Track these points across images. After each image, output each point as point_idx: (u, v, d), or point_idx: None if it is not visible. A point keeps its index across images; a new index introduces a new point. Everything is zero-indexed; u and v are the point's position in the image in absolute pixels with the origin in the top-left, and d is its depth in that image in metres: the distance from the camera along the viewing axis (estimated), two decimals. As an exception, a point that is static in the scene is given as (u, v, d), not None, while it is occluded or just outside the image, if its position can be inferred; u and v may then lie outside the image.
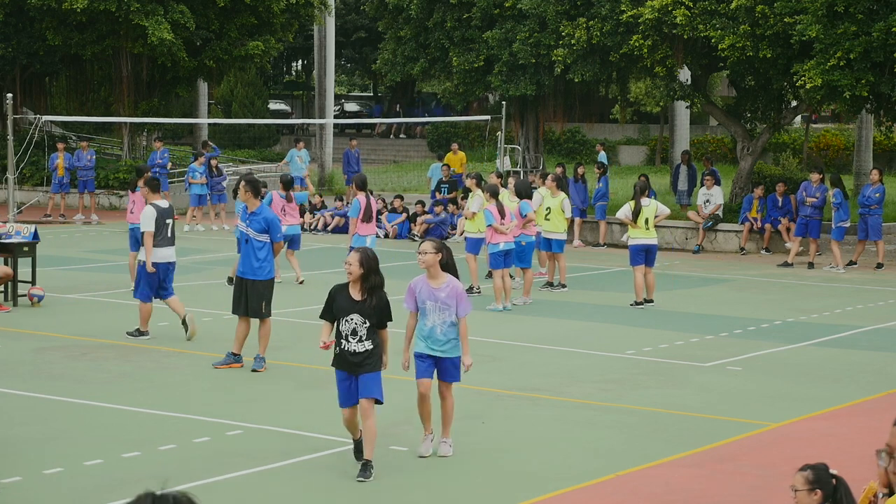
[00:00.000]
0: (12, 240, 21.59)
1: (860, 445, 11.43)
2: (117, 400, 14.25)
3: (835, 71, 28.13)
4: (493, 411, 14.37)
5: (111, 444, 12.03)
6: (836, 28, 28.03)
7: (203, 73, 42.60)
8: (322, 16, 44.09)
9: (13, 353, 15.99)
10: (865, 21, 27.79)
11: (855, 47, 27.83)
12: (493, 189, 22.43)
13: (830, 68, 28.13)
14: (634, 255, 22.20)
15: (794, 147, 49.06)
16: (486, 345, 18.26)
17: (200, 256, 28.12)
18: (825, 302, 22.95)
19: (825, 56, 28.22)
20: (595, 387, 15.67)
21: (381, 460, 12.22)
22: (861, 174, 38.34)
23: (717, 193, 32.11)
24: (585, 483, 11.67)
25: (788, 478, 8.62)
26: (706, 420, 14.14)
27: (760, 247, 30.98)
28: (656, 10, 30.99)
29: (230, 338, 16.46)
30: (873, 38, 27.60)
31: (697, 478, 12.03)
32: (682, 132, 43.22)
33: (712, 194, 32.02)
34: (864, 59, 28.06)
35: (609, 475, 11.91)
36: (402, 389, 15.35)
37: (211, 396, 14.82)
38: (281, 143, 59.06)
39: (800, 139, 48.45)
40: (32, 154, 31.59)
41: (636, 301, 22.16)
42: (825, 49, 28.21)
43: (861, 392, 15.69)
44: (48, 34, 38.74)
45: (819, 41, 28.27)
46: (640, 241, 22.25)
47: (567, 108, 40.61)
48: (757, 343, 18.76)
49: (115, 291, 22.67)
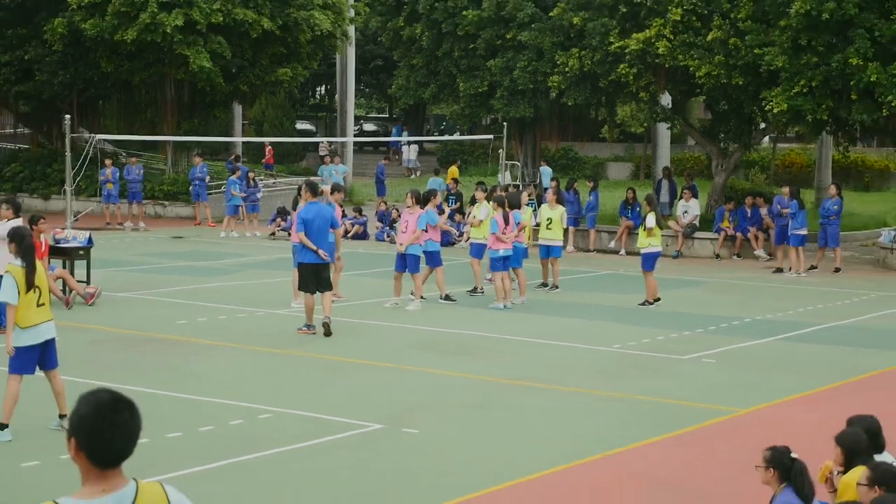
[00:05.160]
0: (69, 244, 21.69)
1: (821, 429, 11.45)
2: (162, 387, 14.29)
3: (798, 97, 28.17)
4: (495, 398, 14.39)
5: (157, 426, 12.04)
6: (799, 59, 28.07)
7: (238, 97, 42.73)
8: (343, 46, 44.16)
9: (71, 345, 16.03)
10: (826, 53, 27.81)
11: (816, 76, 27.87)
12: (500, 199, 22.39)
13: (795, 95, 28.18)
14: (653, 261, 22.10)
15: (762, 164, 49.07)
16: (488, 339, 18.32)
17: (235, 260, 28.17)
18: (790, 302, 22.95)
19: (790, 84, 28.26)
20: (585, 377, 15.68)
21: (395, 440, 12.27)
22: (821, 189, 38.35)
23: (694, 205, 32.14)
24: (578, 461, 11.68)
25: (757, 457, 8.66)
26: (684, 406, 14.15)
27: (732, 253, 31.00)
28: (641, 42, 31.03)
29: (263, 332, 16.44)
30: (832, 68, 27.63)
31: (676, 457, 12.04)
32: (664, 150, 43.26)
33: (690, 206, 32.05)
34: (825, 87, 28.09)
35: (598, 455, 11.92)
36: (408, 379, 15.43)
37: (245, 384, 14.84)
38: (307, 159, 58.98)
39: (767, 157, 48.45)
40: (87, 168, 31.65)
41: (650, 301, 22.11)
42: (790, 78, 28.26)
43: (822, 381, 15.69)
44: (102, 62, 38.87)
45: (785, 70, 28.32)
46: (657, 248, 22.20)
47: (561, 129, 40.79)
48: (729, 338, 18.77)
49: (161, 290, 22.72)
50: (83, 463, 4.36)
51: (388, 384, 14.99)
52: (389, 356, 16.76)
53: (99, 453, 4.33)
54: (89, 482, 4.36)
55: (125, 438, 4.36)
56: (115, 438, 4.34)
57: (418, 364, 16.29)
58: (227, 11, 36.69)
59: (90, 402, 4.37)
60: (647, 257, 22.10)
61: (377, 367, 16.01)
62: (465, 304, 22.00)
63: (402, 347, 17.49)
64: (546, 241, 23.98)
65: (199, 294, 22.42)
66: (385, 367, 16.06)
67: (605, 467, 11.61)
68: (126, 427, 4.37)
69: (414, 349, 17.40)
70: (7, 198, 18.45)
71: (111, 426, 4.34)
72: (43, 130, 43.16)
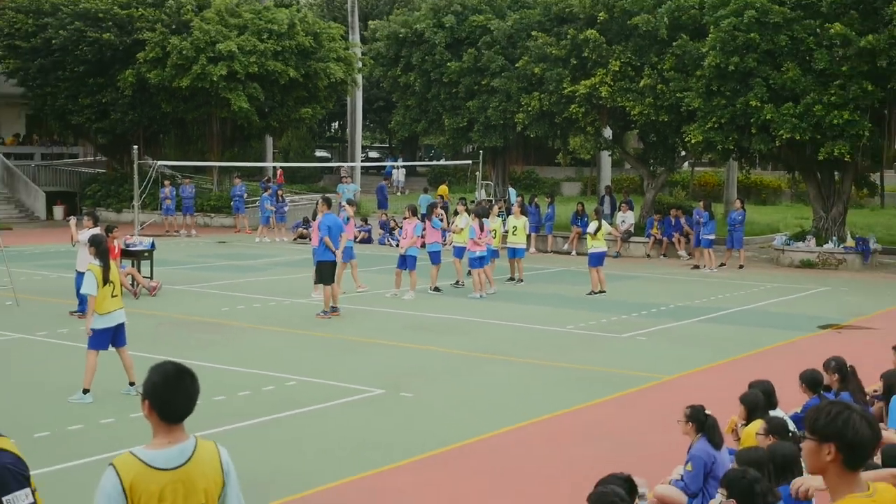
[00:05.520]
0: (137, 248, 21.66)
1: (728, 391, 11.49)
2: (209, 360, 14.29)
3: (711, 131, 28.26)
4: (472, 368, 14.41)
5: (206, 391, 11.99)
6: (711, 101, 28.16)
7: (269, 131, 42.62)
8: (353, 90, 44.12)
9: (139, 327, 16.03)
10: (732, 97, 27.91)
11: (725, 115, 27.96)
12: (477, 211, 22.48)
13: (708, 129, 28.26)
14: (596, 259, 22.12)
15: (683, 183, 49.07)
16: (468, 322, 18.34)
17: (268, 260, 28.15)
18: (704, 292, 23.01)
19: (704, 121, 28.34)
20: (544, 351, 15.71)
21: (394, 402, 12.28)
22: (729, 202, 38.43)
23: (629, 216, 32.17)
24: (537, 418, 11.71)
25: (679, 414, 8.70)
26: (622, 374, 14.19)
27: (660, 253, 31.05)
28: (588, 88, 31.12)
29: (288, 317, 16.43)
30: (737, 108, 27.73)
31: (616, 414, 12.07)
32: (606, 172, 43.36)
33: (627, 216, 32.08)
34: (731, 123, 28.18)
35: (550, 414, 11.96)
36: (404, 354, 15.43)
37: (275, 358, 14.84)
38: (324, 180, 58.80)
39: (687, 178, 48.51)
40: (150, 188, 31.56)
41: (594, 291, 22.12)
42: (704, 116, 28.34)
43: (729, 354, 15.74)
44: (163, 104, 38.79)
45: (700, 110, 28.40)
46: (601, 249, 22.27)
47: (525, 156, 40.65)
48: (658, 320, 18.82)
49: (208, 284, 22.69)
50: (154, 420, 4.40)
51: (388, 358, 15.01)
52: (389, 335, 16.78)
53: (167, 412, 4.38)
54: (159, 435, 4.40)
55: (187, 400, 4.42)
56: (179, 399, 4.39)
57: (412, 342, 16.32)
58: (261, 63, 36.75)
59: (159, 372, 4.42)
60: (592, 256, 22.18)
61: (379, 345, 16.02)
62: (449, 294, 22.02)
63: (399, 328, 17.51)
64: (512, 244, 24.02)
65: (238, 287, 22.40)
66: (386, 344, 16.08)
67: (559, 422, 11.64)
68: (188, 391, 4.42)
69: (409, 330, 17.41)
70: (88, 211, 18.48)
71: (176, 390, 4.39)
72: (116, 158, 43.01)
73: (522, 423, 11.45)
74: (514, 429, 11.25)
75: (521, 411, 11.96)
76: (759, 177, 51.54)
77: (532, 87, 33.63)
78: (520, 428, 11.29)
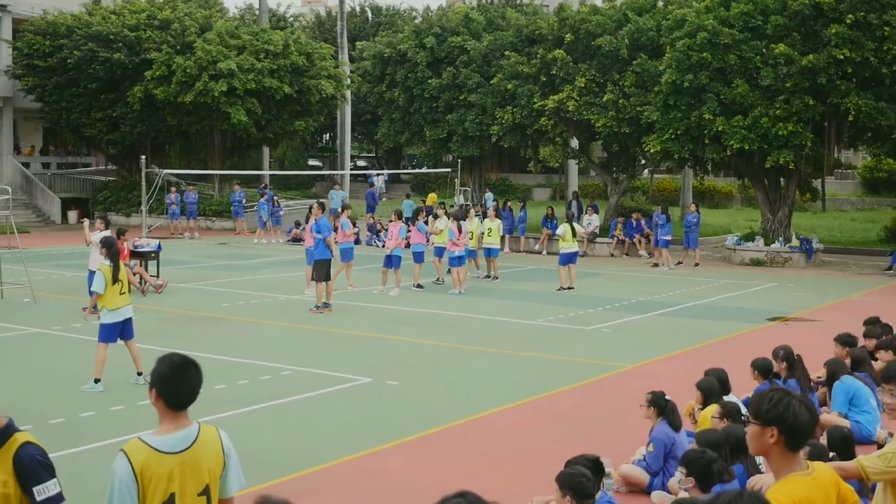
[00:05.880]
0: (145, 249, 21.51)
1: (685, 378, 11.50)
2: (211, 351, 14.19)
3: (668, 142, 28.34)
4: (451, 358, 14.38)
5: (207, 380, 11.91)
6: (669, 114, 28.26)
7: (266, 142, 42.34)
8: (342, 105, 44.01)
9: (146, 321, 15.90)
10: (687, 110, 28.01)
11: (681, 127, 28.06)
12: (455, 214, 22.45)
13: (665, 140, 28.35)
14: (566, 258, 22.02)
15: (643, 189, 49.21)
16: (447, 316, 18.30)
17: (263, 260, 28.02)
18: (663, 288, 23.06)
19: (662, 132, 28.44)
20: (516, 342, 15.69)
21: (380, 389, 12.22)
22: (685, 206, 38.49)
23: (595, 219, 32.17)
24: (509, 404, 11.68)
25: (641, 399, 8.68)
26: (587, 363, 14.18)
27: (622, 253, 31.09)
28: (556, 102, 31.17)
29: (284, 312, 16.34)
30: (692, 121, 27.83)
31: (584, 400, 12.06)
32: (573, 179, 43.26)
33: (592, 219, 32.08)
34: (686, 135, 28.28)
35: (524, 399, 11.94)
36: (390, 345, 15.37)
37: (271, 349, 14.77)
38: (316, 187, 58.59)
39: (646, 184, 48.65)
40: (157, 194, 31.36)
41: (563, 287, 22.07)
42: (662, 127, 28.43)
43: (687, 344, 15.77)
44: (168, 118, 38.56)
45: (658, 123, 28.49)
46: (571, 249, 22.22)
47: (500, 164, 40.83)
48: (621, 314, 18.83)
49: (210, 282, 22.56)
50: (161, 407, 4.37)
51: (375, 349, 14.95)
52: (376, 328, 16.71)
53: (173, 400, 4.35)
54: (165, 422, 4.37)
55: (192, 388, 4.39)
56: (184, 388, 4.36)
57: (397, 334, 16.26)
58: (258, 80, 36.63)
59: (166, 362, 4.39)
60: (562, 256, 22.18)
61: (367, 337, 15.96)
62: (430, 290, 21.97)
63: (385, 322, 17.44)
64: (488, 245, 23.97)
65: (238, 284, 22.28)
66: (372, 336, 16.01)
67: (529, 407, 11.61)
68: (193, 380, 4.39)
69: (394, 323, 17.35)
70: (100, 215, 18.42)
71: (182, 379, 4.36)
72: (125, 167, 42.73)
73: (498, 409, 11.42)
74: (491, 413, 11.21)
75: (497, 398, 11.93)
76: (712, 183, 51.67)
77: (505, 101, 33.64)
78: (496, 413, 11.25)
